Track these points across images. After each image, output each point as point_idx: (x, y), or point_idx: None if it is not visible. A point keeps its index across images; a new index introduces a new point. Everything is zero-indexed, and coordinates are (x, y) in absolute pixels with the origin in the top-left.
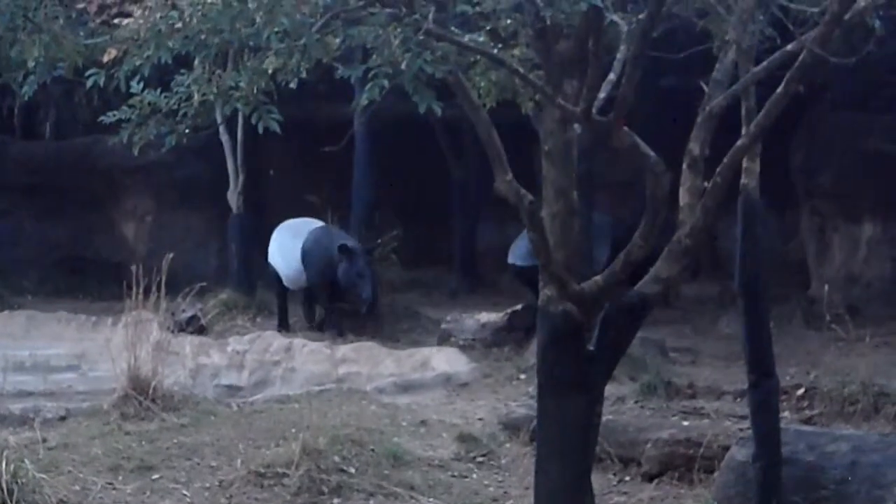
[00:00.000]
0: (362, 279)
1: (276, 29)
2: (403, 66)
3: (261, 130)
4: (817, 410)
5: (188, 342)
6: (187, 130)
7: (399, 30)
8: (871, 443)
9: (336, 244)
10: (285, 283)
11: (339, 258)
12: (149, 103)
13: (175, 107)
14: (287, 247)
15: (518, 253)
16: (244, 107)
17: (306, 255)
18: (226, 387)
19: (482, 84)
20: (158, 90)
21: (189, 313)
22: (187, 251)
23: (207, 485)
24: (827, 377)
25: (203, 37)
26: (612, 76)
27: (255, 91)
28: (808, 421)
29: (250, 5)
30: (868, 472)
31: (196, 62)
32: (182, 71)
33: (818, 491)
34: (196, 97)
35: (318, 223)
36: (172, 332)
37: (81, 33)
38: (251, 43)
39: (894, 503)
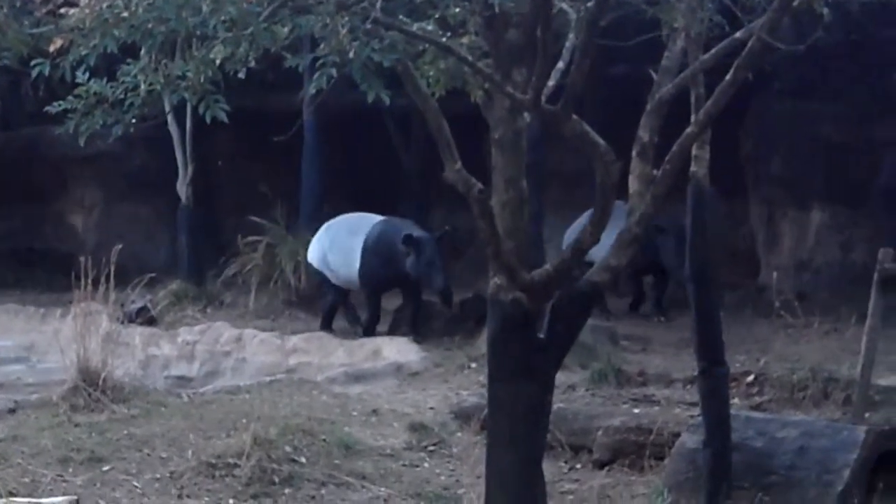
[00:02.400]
0: (432, 268)
1: (222, 18)
2: (351, 55)
3: (208, 120)
4: (767, 397)
5: (138, 333)
6: (134, 120)
7: (347, 18)
8: (820, 428)
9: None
10: (341, 284)
11: (405, 250)
12: (95, 93)
13: (122, 96)
14: (344, 245)
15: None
16: (191, 96)
17: (367, 252)
18: (176, 378)
19: (431, 73)
20: (105, 80)
21: (139, 304)
22: (136, 242)
23: (158, 476)
24: (776, 364)
25: (149, 26)
26: (561, 64)
27: (202, 80)
28: (757, 407)
29: None
30: (817, 458)
31: (142, 51)
32: (128, 60)
33: (768, 476)
34: (143, 87)
35: (376, 218)
36: (122, 323)
37: (26, 23)
38: (198, 32)
39: (844, 488)
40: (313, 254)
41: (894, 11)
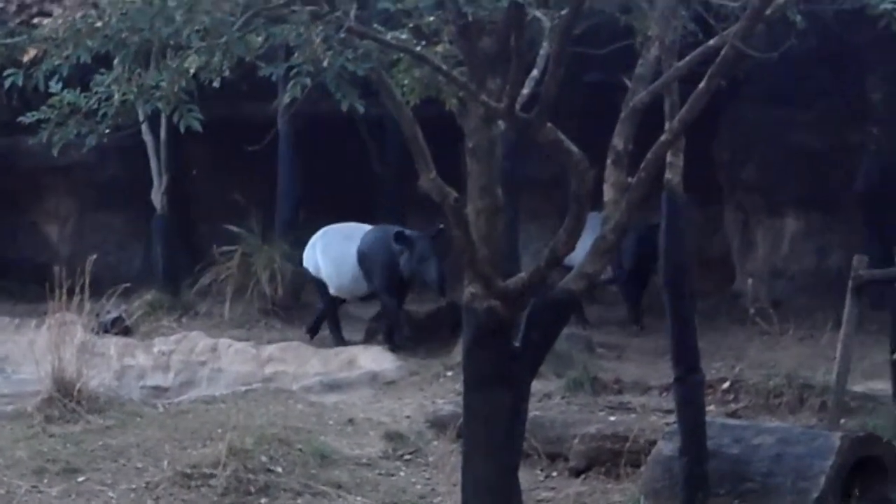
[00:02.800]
0: (424, 263)
1: (196, 27)
2: (325, 64)
3: (182, 130)
4: (742, 404)
5: (113, 343)
6: (107, 130)
7: (321, 28)
8: (796, 435)
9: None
10: (334, 292)
11: (399, 249)
12: (68, 103)
13: (95, 107)
14: (337, 252)
15: None
16: (165, 106)
17: (366, 259)
18: (151, 388)
19: (405, 81)
20: (78, 90)
21: (114, 314)
22: (111, 252)
23: (133, 486)
24: (752, 370)
25: (123, 36)
26: (535, 72)
27: (175, 90)
28: (733, 414)
29: (170, 3)
30: (793, 464)
31: (116, 61)
32: (102, 70)
33: (744, 483)
34: (116, 97)
35: (368, 226)
36: (97, 333)
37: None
38: (171, 42)
39: (819, 494)
40: (307, 260)
41: (867, 18)
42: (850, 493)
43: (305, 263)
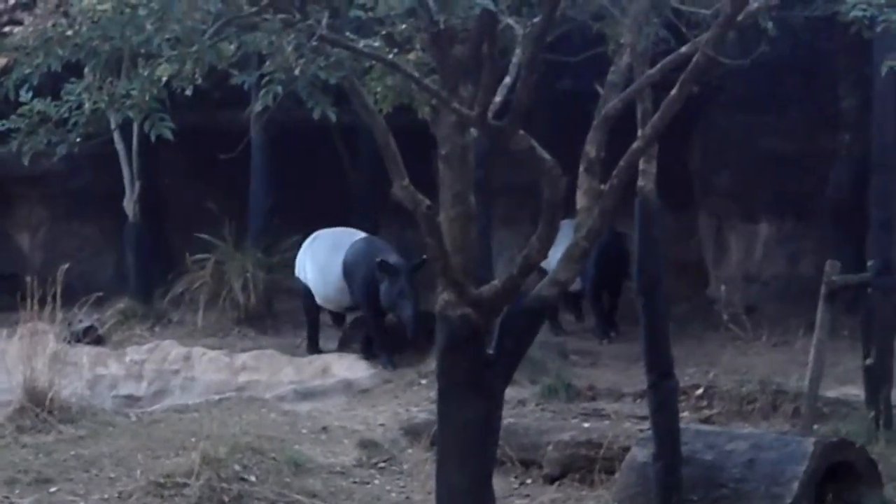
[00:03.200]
0: (403, 299)
1: (167, 36)
2: (297, 72)
3: (153, 138)
4: (716, 410)
5: (85, 353)
6: (78, 139)
7: (293, 36)
8: (769, 441)
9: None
10: (319, 301)
11: (379, 276)
12: (39, 112)
13: (66, 115)
14: (323, 260)
15: None
16: (136, 115)
17: (349, 272)
18: (124, 397)
19: (378, 89)
20: (49, 99)
21: (86, 323)
22: (83, 261)
23: (106, 496)
24: (725, 376)
25: (94, 44)
26: (507, 80)
27: (146, 99)
28: (706, 420)
29: (141, 12)
30: (766, 470)
31: (86, 70)
32: (72, 79)
33: (718, 489)
34: (87, 105)
35: (358, 234)
36: (69, 342)
37: None
38: (142, 50)
39: (793, 500)
40: (299, 268)
41: (838, 25)
42: (824, 499)
43: (297, 272)
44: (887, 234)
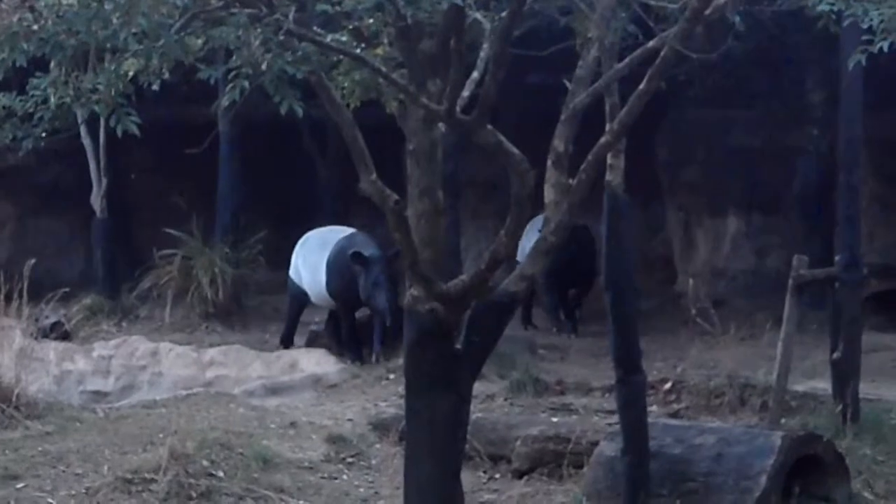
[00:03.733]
0: (377, 288)
1: (133, 30)
2: (264, 67)
3: (119, 133)
4: (684, 404)
5: (52, 348)
6: (44, 134)
7: (259, 30)
8: (737, 434)
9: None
10: (315, 301)
11: (356, 270)
12: (4, 107)
13: (31, 110)
14: (312, 260)
15: None
16: (102, 110)
17: (330, 269)
18: (92, 393)
19: (345, 84)
20: (14, 93)
21: (53, 319)
22: (50, 256)
23: (73, 492)
24: (693, 371)
25: (59, 38)
26: (475, 74)
27: (112, 93)
28: (675, 414)
29: (107, 6)
30: (734, 464)
31: (52, 64)
32: (38, 74)
33: (686, 483)
34: (52, 100)
35: (346, 232)
36: (36, 338)
37: None
38: (109, 45)
39: (761, 493)
40: (293, 270)
41: (805, 19)
42: (791, 492)
43: (291, 273)
44: (854, 228)
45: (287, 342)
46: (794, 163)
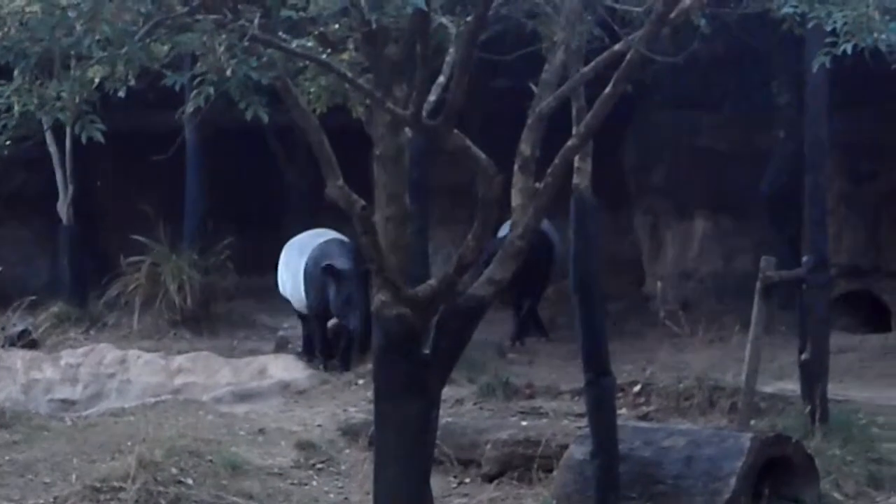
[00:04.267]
0: (348, 307)
1: (97, 37)
2: (229, 73)
3: (84, 141)
4: (653, 406)
5: (19, 357)
6: (9, 142)
7: (224, 36)
8: (706, 436)
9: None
10: (298, 308)
11: (328, 282)
12: None
13: None
14: (293, 266)
15: None
16: (67, 117)
17: (306, 277)
18: (59, 401)
19: (312, 89)
20: None
21: (20, 327)
22: (17, 264)
23: (42, 501)
24: (662, 373)
25: (23, 46)
26: (441, 79)
27: (77, 101)
28: (644, 417)
29: (70, 14)
30: (704, 466)
31: (16, 72)
32: (2, 81)
33: (656, 486)
34: (16, 108)
35: (324, 237)
36: (3, 346)
37: None
38: (73, 52)
39: (730, 495)
40: (280, 279)
41: (770, 21)
42: (761, 494)
43: (280, 286)
44: (821, 230)
45: (310, 352)
46: (762, 165)
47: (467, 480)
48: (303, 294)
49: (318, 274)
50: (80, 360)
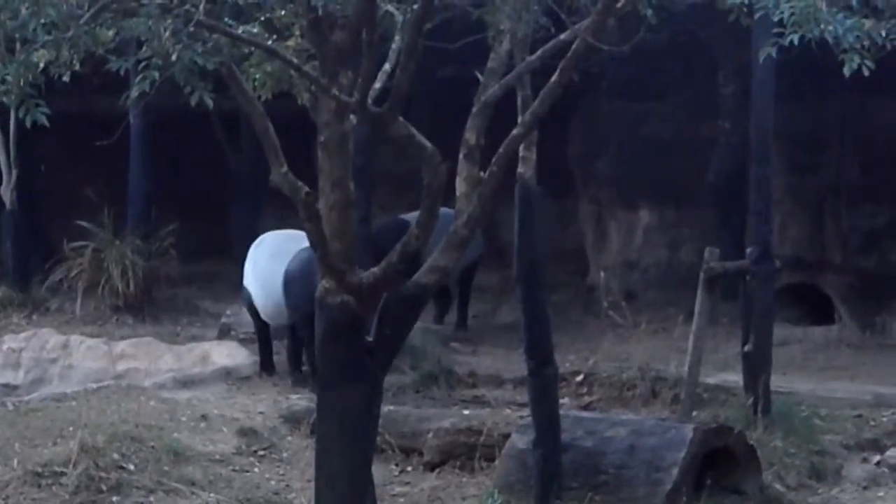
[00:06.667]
0: None
1: (42, 21)
2: (174, 58)
3: (28, 124)
4: (596, 396)
5: None
6: None
7: (170, 21)
8: (648, 427)
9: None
10: (262, 315)
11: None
12: None
13: None
14: (264, 269)
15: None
16: (10, 101)
17: (290, 283)
18: (1, 386)
19: (257, 75)
20: None
21: None
22: None
23: None
24: (605, 363)
25: None
26: (387, 66)
27: (21, 84)
28: (587, 407)
29: None
30: (646, 456)
31: None
32: None
33: (598, 476)
34: None
35: (305, 241)
36: None
37: None
38: (18, 35)
39: (672, 486)
40: (246, 278)
41: (717, 13)
42: (703, 484)
43: (245, 281)
44: (766, 220)
45: (266, 366)
46: (707, 155)
47: (409, 469)
48: (273, 302)
49: (310, 284)
50: (23, 345)
